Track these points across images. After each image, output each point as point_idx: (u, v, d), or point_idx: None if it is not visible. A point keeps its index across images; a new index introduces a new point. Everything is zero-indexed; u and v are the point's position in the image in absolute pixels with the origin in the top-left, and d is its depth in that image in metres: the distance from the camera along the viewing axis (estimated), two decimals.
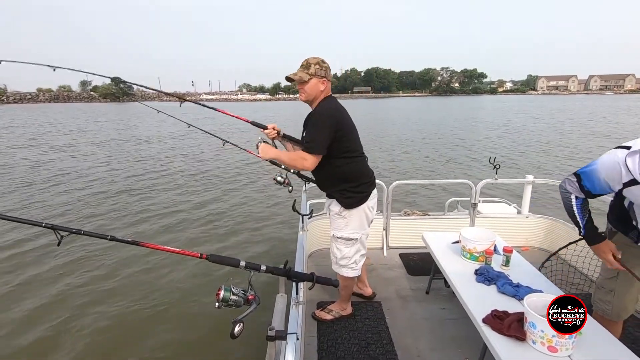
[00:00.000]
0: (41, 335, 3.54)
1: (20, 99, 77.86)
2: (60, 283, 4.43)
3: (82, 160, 12.36)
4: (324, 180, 2.27)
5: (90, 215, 6.82)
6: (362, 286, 2.73)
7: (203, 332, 3.53)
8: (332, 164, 2.12)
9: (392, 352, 2.17)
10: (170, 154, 13.68)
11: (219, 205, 7.47)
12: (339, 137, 2.05)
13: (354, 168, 2.18)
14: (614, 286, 1.80)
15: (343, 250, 2.30)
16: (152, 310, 3.92)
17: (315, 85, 2.07)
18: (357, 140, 2.19)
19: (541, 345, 1.52)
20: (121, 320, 3.76)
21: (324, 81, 2.09)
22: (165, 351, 3.34)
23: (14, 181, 9.46)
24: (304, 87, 2.08)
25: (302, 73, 2.06)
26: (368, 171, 2.27)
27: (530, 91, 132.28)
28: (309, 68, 2.06)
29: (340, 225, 2.26)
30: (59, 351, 3.35)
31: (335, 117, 2.05)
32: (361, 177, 2.21)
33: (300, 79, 2.05)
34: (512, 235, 3.44)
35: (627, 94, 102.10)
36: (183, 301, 4.06)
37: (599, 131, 19.34)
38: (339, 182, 2.19)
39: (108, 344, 3.44)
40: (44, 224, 1.26)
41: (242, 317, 1.19)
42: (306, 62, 2.08)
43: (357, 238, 2.28)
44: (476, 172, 10.23)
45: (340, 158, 2.11)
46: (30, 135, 19.53)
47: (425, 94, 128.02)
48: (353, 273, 2.34)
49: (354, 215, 2.22)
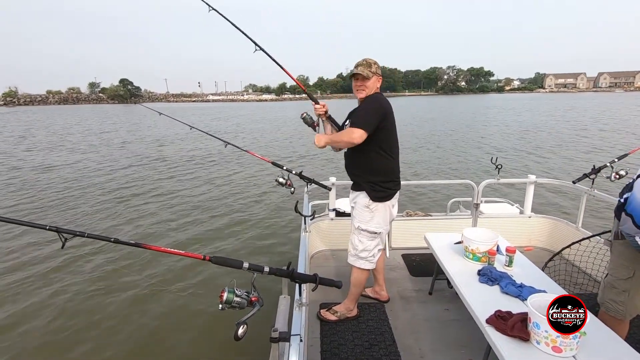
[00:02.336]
0: (42, 336, 3.59)
1: (30, 101, 79.05)
2: (64, 285, 4.48)
3: (85, 163, 12.49)
4: (357, 169, 2.35)
5: (93, 218, 6.88)
6: (380, 290, 2.74)
7: (207, 334, 3.55)
8: (369, 155, 2.24)
9: (395, 353, 2.17)
10: (173, 156, 13.77)
11: (221, 207, 7.51)
12: (382, 127, 2.16)
13: (387, 164, 2.28)
14: (629, 287, 1.79)
15: (365, 242, 2.36)
16: (155, 312, 3.95)
17: (374, 82, 2.25)
18: (396, 140, 2.31)
19: (545, 345, 1.51)
20: (124, 322, 3.79)
21: (380, 79, 2.29)
22: (169, 353, 3.37)
23: (16, 184, 9.60)
24: (366, 83, 2.22)
25: (366, 71, 2.21)
26: (398, 172, 2.37)
27: (538, 89, 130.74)
28: (371, 67, 2.23)
29: (366, 218, 2.32)
30: (59, 351, 3.39)
31: (385, 108, 2.19)
32: (391, 175, 2.31)
33: (366, 76, 2.20)
34: (514, 235, 3.42)
35: (638, 91, 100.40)
36: (186, 303, 4.09)
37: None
38: (371, 174, 2.28)
39: (111, 345, 3.47)
40: (48, 227, 1.27)
41: (245, 318, 1.20)
42: (366, 62, 2.24)
43: (380, 232, 2.36)
44: (481, 172, 10.19)
45: (377, 151, 2.23)
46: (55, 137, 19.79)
47: (431, 93, 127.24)
48: (370, 266, 2.41)
49: (380, 209, 2.30)
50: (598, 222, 5.20)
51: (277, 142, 17.70)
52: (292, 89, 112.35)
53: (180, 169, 11.26)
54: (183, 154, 14.07)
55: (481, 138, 17.39)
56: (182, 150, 14.81)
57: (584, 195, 3.17)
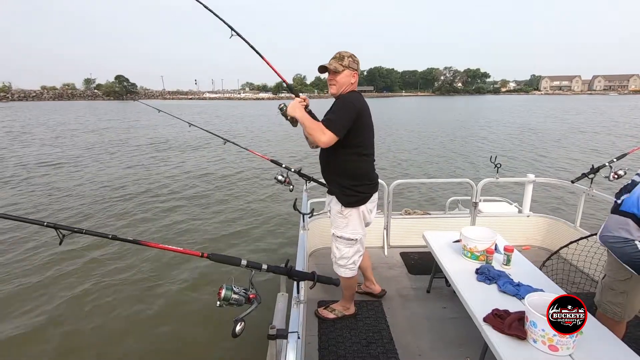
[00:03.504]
0: (40, 334, 3.56)
1: (24, 97, 78.10)
2: (61, 282, 4.45)
3: (84, 160, 12.41)
4: (330, 172, 2.27)
5: (92, 215, 6.84)
6: (370, 284, 2.73)
7: (204, 331, 3.54)
8: (342, 157, 2.14)
9: (392, 351, 2.17)
10: (171, 153, 13.72)
11: (220, 204, 7.49)
12: (356, 128, 2.06)
13: (361, 167, 2.19)
14: (627, 288, 1.78)
15: (342, 250, 2.30)
16: (153, 309, 3.93)
17: (347, 77, 2.11)
18: (371, 140, 2.21)
19: (542, 344, 1.52)
20: (122, 318, 3.77)
21: (354, 74, 2.14)
22: (166, 350, 3.36)
23: (13, 178, 9.52)
24: (336, 77, 2.10)
25: (336, 64, 2.09)
26: (373, 174, 2.28)
27: (534, 91, 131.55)
28: (343, 60, 2.10)
29: (341, 225, 2.26)
30: (57, 349, 3.37)
31: (358, 108, 2.07)
32: (365, 178, 2.22)
33: (335, 69, 2.09)
34: (513, 234, 3.43)
35: (632, 95, 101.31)
36: (184, 300, 4.07)
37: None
38: (344, 177, 2.19)
39: (108, 342, 3.45)
40: (46, 223, 1.26)
41: (243, 315, 1.20)
42: (339, 55, 2.12)
43: (358, 239, 2.29)
44: (480, 171, 10.23)
45: (351, 153, 2.13)
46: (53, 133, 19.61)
47: (428, 93, 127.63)
48: (350, 273, 2.35)
49: (353, 215, 2.22)
50: (596, 221, 5.23)
51: (276, 140, 17.67)
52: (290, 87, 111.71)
53: (179, 167, 11.20)
54: (181, 151, 13.99)
55: (481, 138, 17.46)
56: (180, 148, 14.73)
57: (582, 195, 3.18)
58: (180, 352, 3.34)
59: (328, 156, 2.19)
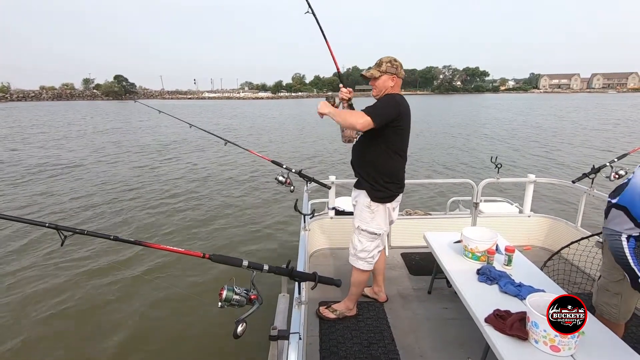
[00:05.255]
0: (41, 334, 3.56)
1: (23, 97, 77.91)
2: (62, 283, 4.45)
3: (84, 161, 12.39)
4: (362, 165, 2.32)
5: (93, 216, 6.84)
6: (379, 290, 2.73)
7: (206, 332, 3.54)
8: (377, 152, 2.22)
9: (394, 351, 2.17)
10: (171, 153, 13.70)
11: (221, 206, 7.48)
12: (394, 126, 2.14)
13: (393, 165, 2.26)
14: (621, 289, 1.77)
15: (364, 243, 2.34)
16: (154, 309, 3.94)
17: (385, 81, 2.21)
18: (406, 142, 2.28)
19: (544, 344, 1.52)
20: (124, 319, 3.77)
21: (393, 78, 2.23)
22: (168, 350, 3.36)
23: (14, 179, 9.50)
24: (376, 82, 2.22)
25: (374, 70, 2.22)
26: (403, 175, 2.34)
27: (533, 90, 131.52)
28: (381, 66, 2.21)
29: (367, 219, 2.30)
30: (58, 350, 3.37)
31: (401, 108, 2.15)
32: (395, 177, 2.28)
33: (372, 76, 2.21)
34: (514, 234, 3.43)
35: (630, 93, 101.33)
36: (186, 301, 4.07)
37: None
38: (375, 172, 2.25)
39: (108, 342, 3.45)
40: (48, 224, 1.27)
41: (244, 316, 1.20)
42: (379, 61, 2.23)
43: (380, 234, 2.34)
44: (480, 171, 10.23)
45: (387, 150, 2.21)
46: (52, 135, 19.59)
47: (427, 92, 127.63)
48: (368, 267, 2.39)
49: (380, 210, 2.28)
50: (597, 221, 5.22)
51: (278, 141, 17.65)
52: (289, 87, 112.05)
53: (179, 168, 11.20)
54: (182, 152, 13.98)
55: (480, 137, 17.47)
56: (181, 149, 14.72)
57: (583, 195, 3.18)
58: (182, 352, 3.34)
59: (364, 150, 2.27)
